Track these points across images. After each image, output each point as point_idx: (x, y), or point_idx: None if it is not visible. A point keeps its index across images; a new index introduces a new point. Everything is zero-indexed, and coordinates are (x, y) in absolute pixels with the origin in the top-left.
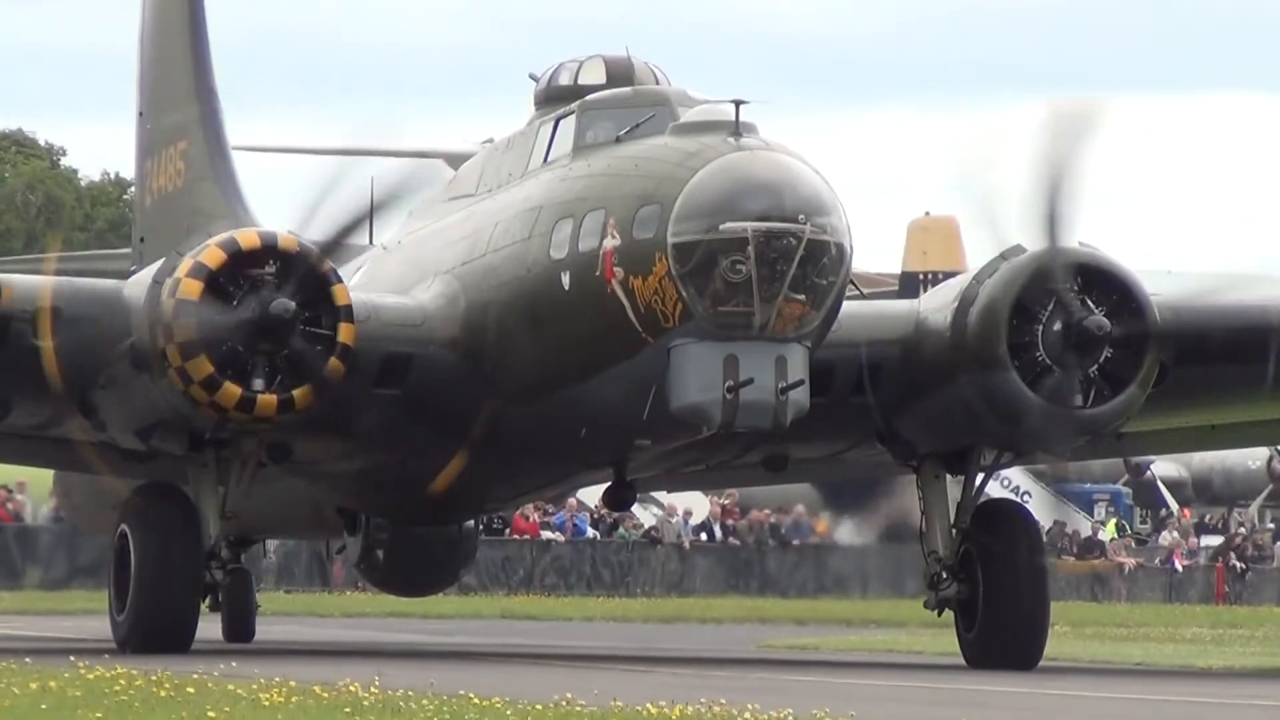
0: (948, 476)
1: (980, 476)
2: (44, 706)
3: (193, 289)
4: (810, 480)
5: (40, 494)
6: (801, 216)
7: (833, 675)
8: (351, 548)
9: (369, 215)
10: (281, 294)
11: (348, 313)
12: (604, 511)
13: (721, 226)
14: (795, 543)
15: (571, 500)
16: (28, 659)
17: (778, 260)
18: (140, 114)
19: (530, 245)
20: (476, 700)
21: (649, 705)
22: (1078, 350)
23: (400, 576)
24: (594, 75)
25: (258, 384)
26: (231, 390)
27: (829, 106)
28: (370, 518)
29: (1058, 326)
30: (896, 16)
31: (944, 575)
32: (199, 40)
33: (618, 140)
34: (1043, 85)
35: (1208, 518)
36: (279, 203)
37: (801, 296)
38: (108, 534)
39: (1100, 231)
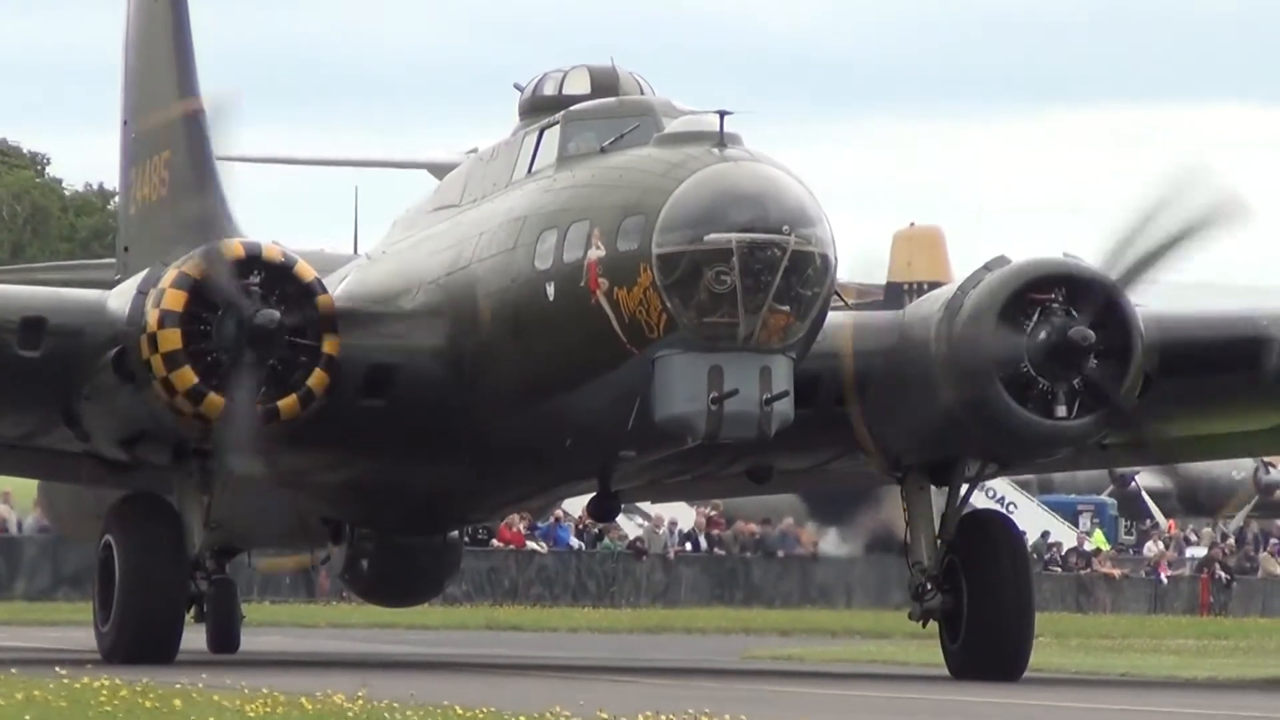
0: (932, 487)
1: (965, 487)
2: (28, 717)
3: (177, 299)
4: (795, 491)
5: (25, 504)
6: (786, 227)
7: (817, 686)
8: (336, 558)
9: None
10: (266, 304)
11: (332, 323)
12: (588, 522)
13: (706, 237)
14: (780, 553)
15: (557, 510)
16: (13, 669)
17: (762, 271)
18: (124, 123)
19: (515, 256)
20: (461, 711)
21: (635, 715)
22: (1062, 361)
23: (385, 587)
24: (579, 85)
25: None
26: (215, 401)
27: (814, 117)
28: (355, 528)
29: (1042, 337)
30: (883, 25)
31: (928, 586)
32: (183, 49)
33: (602, 151)
34: (1033, 92)
35: (1191, 529)
36: (265, 213)
37: (786, 307)
38: (92, 542)
39: (1085, 242)
